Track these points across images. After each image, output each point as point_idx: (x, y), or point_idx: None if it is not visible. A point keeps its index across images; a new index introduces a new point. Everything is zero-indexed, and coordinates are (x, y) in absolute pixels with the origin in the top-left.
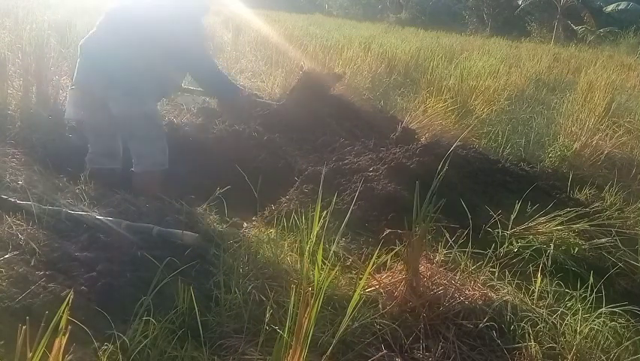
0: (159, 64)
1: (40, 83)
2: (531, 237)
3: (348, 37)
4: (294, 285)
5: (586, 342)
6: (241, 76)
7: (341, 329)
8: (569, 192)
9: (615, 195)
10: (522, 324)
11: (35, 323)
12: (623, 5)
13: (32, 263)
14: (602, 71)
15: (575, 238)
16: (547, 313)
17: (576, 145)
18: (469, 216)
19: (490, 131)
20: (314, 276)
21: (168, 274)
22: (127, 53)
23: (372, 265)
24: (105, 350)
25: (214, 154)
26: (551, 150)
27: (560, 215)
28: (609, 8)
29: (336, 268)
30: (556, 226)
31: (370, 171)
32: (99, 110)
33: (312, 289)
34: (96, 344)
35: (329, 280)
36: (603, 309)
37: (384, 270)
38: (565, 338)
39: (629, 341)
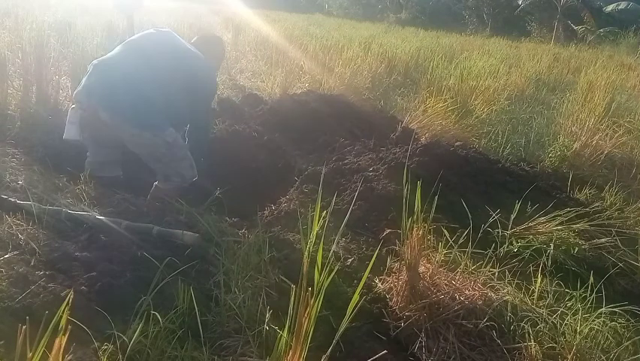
0: (173, 99)
1: (40, 83)
2: (531, 237)
3: (348, 37)
4: (294, 285)
5: (586, 342)
6: (241, 76)
7: (341, 329)
8: (569, 192)
9: (615, 195)
10: (522, 324)
11: (35, 323)
12: (623, 5)
13: (32, 263)
14: (602, 71)
15: (575, 238)
16: (547, 313)
17: (576, 145)
18: (469, 216)
19: (490, 131)
20: (314, 276)
21: (168, 274)
22: (143, 84)
23: (372, 266)
24: (105, 350)
25: (214, 154)
26: (551, 150)
27: (559, 215)
28: (609, 8)
29: (336, 268)
30: (556, 226)
31: (370, 171)
32: (101, 127)
33: (312, 289)
34: (96, 344)
35: (329, 280)
36: (603, 309)
37: (384, 270)
38: (565, 338)
39: (629, 341)
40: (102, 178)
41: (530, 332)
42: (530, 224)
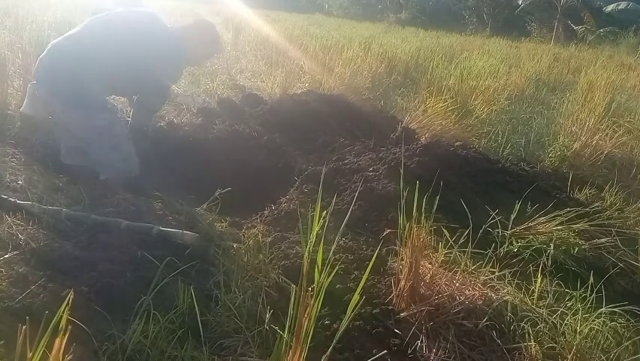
0: (119, 82)
1: None
2: (531, 237)
3: (348, 37)
4: (294, 285)
5: (586, 342)
6: (241, 76)
7: (341, 330)
8: (569, 192)
9: (615, 195)
10: (522, 324)
11: (35, 323)
12: (623, 5)
13: (32, 263)
14: (602, 71)
15: (575, 238)
16: (547, 313)
17: (576, 145)
18: (469, 216)
19: (490, 131)
20: (314, 276)
21: (168, 274)
22: (88, 64)
23: (372, 266)
24: (105, 350)
25: (214, 154)
26: (551, 150)
27: (559, 215)
28: (609, 8)
29: (336, 268)
30: (556, 226)
31: (370, 171)
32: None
33: (312, 290)
34: (96, 344)
35: (329, 280)
36: (603, 309)
37: (384, 270)
38: (565, 338)
39: (629, 341)
40: (68, 167)
41: (530, 332)
42: (530, 224)
